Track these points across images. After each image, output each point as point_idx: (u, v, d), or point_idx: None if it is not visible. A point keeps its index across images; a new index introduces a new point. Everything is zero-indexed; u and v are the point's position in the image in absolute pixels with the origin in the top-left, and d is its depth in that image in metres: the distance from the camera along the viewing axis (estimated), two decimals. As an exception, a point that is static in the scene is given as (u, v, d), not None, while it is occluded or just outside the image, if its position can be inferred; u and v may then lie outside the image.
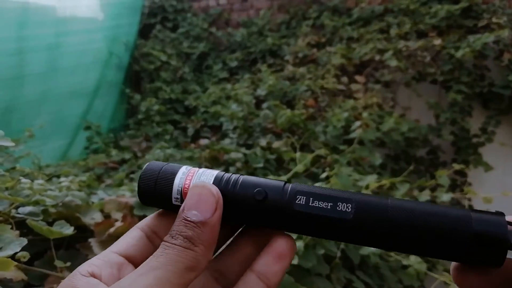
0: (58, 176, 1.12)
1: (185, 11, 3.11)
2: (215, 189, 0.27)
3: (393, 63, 1.92)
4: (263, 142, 1.61)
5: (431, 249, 0.24)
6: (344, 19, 2.45)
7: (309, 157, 1.27)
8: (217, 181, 0.28)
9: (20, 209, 0.58)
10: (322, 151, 1.33)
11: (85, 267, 0.26)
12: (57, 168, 1.54)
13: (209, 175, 0.29)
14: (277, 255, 0.27)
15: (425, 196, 1.11)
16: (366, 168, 1.42)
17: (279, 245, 0.27)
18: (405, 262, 0.92)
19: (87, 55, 2.48)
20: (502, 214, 0.23)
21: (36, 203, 0.62)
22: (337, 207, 0.26)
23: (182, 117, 2.51)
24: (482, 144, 1.90)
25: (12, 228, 0.49)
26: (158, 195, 0.29)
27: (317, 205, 0.26)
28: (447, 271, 1.25)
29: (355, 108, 1.76)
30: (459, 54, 1.84)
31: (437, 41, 1.94)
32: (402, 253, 0.23)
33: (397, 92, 2.07)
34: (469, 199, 1.58)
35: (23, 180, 0.67)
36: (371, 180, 1.04)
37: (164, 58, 2.76)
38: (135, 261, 0.28)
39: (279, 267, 0.27)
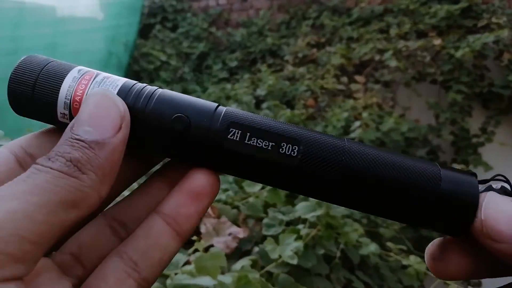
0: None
1: (184, 11, 3.11)
2: (120, 101, 0.20)
3: (393, 63, 1.92)
4: (263, 142, 1.61)
5: (389, 207, 0.20)
6: (344, 19, 2.45)
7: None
8: (124, 93, 0.21)
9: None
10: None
11: None
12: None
13: (112, 83, 0.21)
14: (192, 194, 0.21)
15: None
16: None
17: (196, 181, 0.21)
18: (405, 262, 0.92)
19: (86, 55, 2.47)
20: (474, 175, 0.21)
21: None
22: (280, 149, 0.20)
23: (182, 117, 2.51)
24: (482, 144, 1.90)
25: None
26: (37, 104, 0.21)
27: (254, 143, 0.20)
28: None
29: (355, 108, 1.76)
30: (459, 54, 1.84)
31: (437, 41, 1.94)
32: (353, 209, 0.21)
33: (397, 92, 2.07)
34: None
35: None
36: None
37: (163, 58, 2.76)
38: None
39: (193, 209, 0.21)
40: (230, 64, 2.74)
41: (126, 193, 0.24)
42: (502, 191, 0.19)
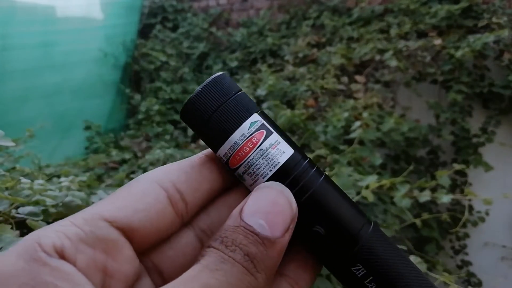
0: (58, 176, 1.12)
1: (185, 11, 3.11)
2: (294, 201, 0.20)
3: (393, 63, 1.92)
4: (263, 142, 1.61)
5: None
6: (344, 19, 2.45)
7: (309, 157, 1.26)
8: (281, 174, 0.21)
9: (20, 209, 0.58)
10: (322, 151, 1.33)
11: (50, 238, 0.15)
12: (57, 168, 1.54)
13: (276, 156, 0.21)
14: (309, 262, 0.22)
15: (425, 196, 1.11)
16: (366, 168, 1.42)
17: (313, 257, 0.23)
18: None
19: (81, 54, 2.47)
20: None
21: (36, 203, 0.62)
22: None
23: (182, 117, 2.51)
24: (482, 144, 1.90)
25: (12, 228, 0.49)
26: (210, 126, 0.22)
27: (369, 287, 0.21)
28: (448, 271, 1.24)
29: (355, 108, 1.76)
30: (459, 54, 1.84)
31: (437, 41, 1.94)
32: None
33: (397, 92, 2.07)
34: (469, 200, 1.58)
35: (23, 180, 0.67)
36: (372, 181, 1.04)
37: (163, 58, 2.76)
38: (140, 237, 0.18)
39: (308, 276, 0.22)
40: (231, 64, 2.74)
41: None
42: None
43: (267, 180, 0.21)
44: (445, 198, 1.09)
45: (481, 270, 1.84)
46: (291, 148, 0.22)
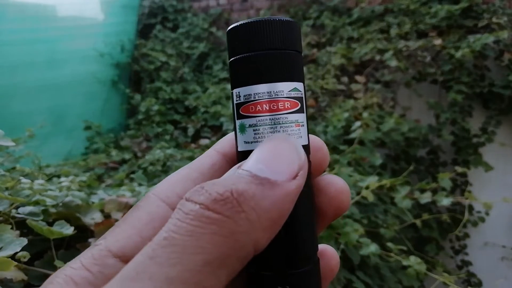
0: (58, 176, 1.12)
1: (185, 11, 3.11)
2: (302, 152, 0.18)
3: (393, 63, 1.92)
4: (263, 142, 1.61)
5: None
6: (344, 19, 2.45)
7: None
8: None
9: (20, 209, 0.58)
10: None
11: (59, 284, 0.15)
12: (57, 168, 1.54)
13: (293, 135, 0.20)
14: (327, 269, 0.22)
15: (426, 198, 1.11)
16: (367, 168, 1.42)
17: (331, 256, 0.22)
18: (405, 262, 0.92)
19: (76, 52, 2.45)
20: None
21: (36, 203, 0.62)
22: None
23: (182, 117, 2.51)
24: (482, 144, 1.90)
25: (12, 228, 0.49)
26: (257, 58, 0.19)
27: None
28: (448, 272, 1.25)
29: (355, 108, 1.76)
30: (459, 54, 1.84)
31: (437, 41, 1.94)
32: None
33: (397, 92, 2.07)
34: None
35: (23, 180, 0.67)
36: (372, 181, 1.04)
37: (163, 58, 2.76)
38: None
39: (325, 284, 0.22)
40: (231, 64, 2.74)
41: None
42: None
43: None
44: (445, 201, 1.09)
45: (481, 270, 1.84)
46: (307, 138, 0.20)
